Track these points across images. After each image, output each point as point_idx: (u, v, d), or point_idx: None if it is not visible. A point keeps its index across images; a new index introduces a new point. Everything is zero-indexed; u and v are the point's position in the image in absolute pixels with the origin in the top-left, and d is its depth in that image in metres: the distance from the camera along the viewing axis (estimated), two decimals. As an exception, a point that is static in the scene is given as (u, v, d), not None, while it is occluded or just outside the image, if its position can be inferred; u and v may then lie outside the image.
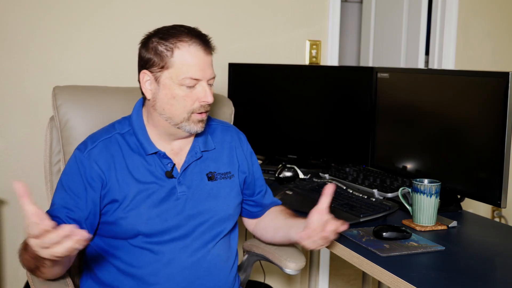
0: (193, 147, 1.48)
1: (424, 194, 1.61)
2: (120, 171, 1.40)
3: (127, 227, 1.39)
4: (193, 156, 1.47)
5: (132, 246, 1.41)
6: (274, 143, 2.40)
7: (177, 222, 1.42)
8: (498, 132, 1.61)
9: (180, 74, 1.36)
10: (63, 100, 1.68)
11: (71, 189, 1.39)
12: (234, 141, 1.58)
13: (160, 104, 1.39)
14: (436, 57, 3.06)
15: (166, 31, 1.39)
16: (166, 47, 1.37)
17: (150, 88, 1.41)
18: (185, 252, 1.42)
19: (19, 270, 2.30)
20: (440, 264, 1.37)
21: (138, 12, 2.39)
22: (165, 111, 1.39)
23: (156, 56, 1.38)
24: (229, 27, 2.54)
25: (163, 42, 1.37)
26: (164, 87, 1.38)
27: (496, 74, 1.64)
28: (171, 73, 1.37)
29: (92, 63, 2.34)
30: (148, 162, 1.43)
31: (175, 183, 1.43)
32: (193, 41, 1.37)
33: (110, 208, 1.39)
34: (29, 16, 2.23)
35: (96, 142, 1.43)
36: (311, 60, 2.74)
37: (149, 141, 1.44)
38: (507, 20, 3.21)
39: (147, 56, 1.40)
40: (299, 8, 2.69)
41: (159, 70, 1.38)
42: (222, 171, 1.51)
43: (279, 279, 2.79)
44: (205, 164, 1.49)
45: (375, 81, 2.13)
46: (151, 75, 1.40)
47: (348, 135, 2.26)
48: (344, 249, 1.48)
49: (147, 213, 1.39)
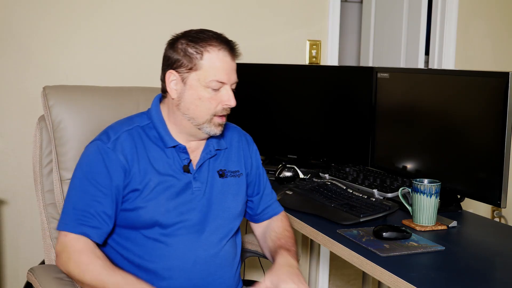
0: (207, 145, 1.52)
1: (424, 194, 1.61)
2: (142, 161, 1.43)
3: (146, 216, 1.41)
4: (208, 154, 1.51)
5: (146, 238, 1.42)
6: (274, 143, 2.40)
7: (193, 217, 1.45)
8: (498, 132, 1.61)
9: (208, 76, 1.40)
10: (55, 100, 1.65)
11: (96, 180, 1.40)
12: (242, 141, 1.62)
13: (185, 104, 1.43)
14: (436, 57, 3.07)
15: (195, 35, 1.43)
16: (196, 50, 1.40)
17: (176, 88, 1.44)
18: (199, 247, 1.44)
19: (19, 270, 2.30)
20: (440, 264, 1.37)
21: (138, 12, 2.39)
22: (189, 111, 1.43)
23: (185, 58, 1.41)
24: (229, 27, 2.53)
25: (193, 45, 1.41)
26: (190, 88, 1.42)
27: (496, 74, 1.64)
28: (199, 75, 1.41)
29: (92, 63, 2.34)
30: (167, 155, 1.46)
31: (191, 178, 1.47)
32: (222, 46, 1.42)
33: (130, 197, 1.42)
34: (29, 17, 2.23)
35: (119, 133, 1.45)
36: (311, 60, 2.74)
37: (169, 134, 1.48)
38: (507, 20, 3.21)
39: (175, 56, 1.43)
40: (299, 8, 2.69)
41: (187, 71, 1.41)
42: (232, 169, 1.55)
43: (279, 279, 2.78)
44: (217, 161, 1.54)
45: (375, 81, 2.13)
46: (178, 75, 1.43)
47: (348, 135, 2.26)
48: (344, 249, 1.48)
49: (165, 204, 1.42)
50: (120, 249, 1.45)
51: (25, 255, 2.31)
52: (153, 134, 1.48)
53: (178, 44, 1.43)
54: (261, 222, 1.66)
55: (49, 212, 1.63)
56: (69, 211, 1.39)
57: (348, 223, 1.62)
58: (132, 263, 1.43)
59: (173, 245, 1.42)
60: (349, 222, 1.62)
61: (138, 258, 1.42)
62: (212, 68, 1.40)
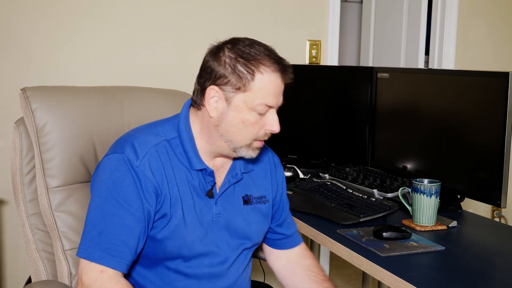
0: (233, 167, 1.38)
1: (424, 194, 1.60)
2: (171, 183, 1.28)
3: (172, 248, 1.29)
4: (234, 177, 1.38)
5: (167, 269, 1.32)
6: (274, 143, 2.40)
7: (215, 246, 1.34)
8: (498, 132, 1.61)
9: (256, 99, 1.25)
10: (39, 104, 1.50)
11: (127, 202, 1.23)
12: (270, 163, 1.50)
13: (225, 126, 1.27)
14: (436, 57, 3.07)
15: (245, 49, 1.27)
16: (248, 69, 1.24)
17: (216, 106, 1.27)
18: (220, 279, 1.35)
19: (19, 270, 2.30)
20: (440, 264, 1.37)
21: (137, 12, 2.39)
22: (229, 134, 1.28)
23: (233, 75, 1.24)
24: (229, 27, 2.54)
25: (244, 62, 1.25)
26: (235, 109, 1.26)
27: (496, 74, 1.64)
28: (246, 96, 1.25)
29: (91, 63, 2.34)
30: (193, 176, 1.32)
31: (212, 204, 1.34)
32: (275, 67, 1.26)
33: (158, 224, 1.28)
34: (29, 17, 2.23)
35: (147, 149, 1.27)
36: (311, 60, 2.74)
37: (198, 156, 1.32)
38: (507, 20, 3.21)
39: (221, 71, 1.25)
40: (299, 8, 2.69)
41: (234, 91, 1.25)
42: (257, 194, 1.42)
43: (279, 279, 2.78)
44: (242, 186, 1.40)
45: (375, 81, 2.13)
46: (222, 93, 1.26)
47: (348, 135, 2.26)
48: (344, 249, 1.48)
49: (192, 234, 1.30)
50: (140, 278, 1.33)
51: (25, 255, 2.31)
52: (179, 151, 1.31)
53: (224, 56, 1.26)
54: (281, 251, 1.54)
55: (32, 223, 1.51)
56: (94, 237, 1.22)
57: (348, 223, 1.62)
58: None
59: (195, 276, 1.32)
60: (349, 222, 1.62)
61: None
62: (262, 90, 1.25)
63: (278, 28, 2.65)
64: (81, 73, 2.32)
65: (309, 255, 1.55)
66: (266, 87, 1.26)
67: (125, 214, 1.23)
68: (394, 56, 3.27)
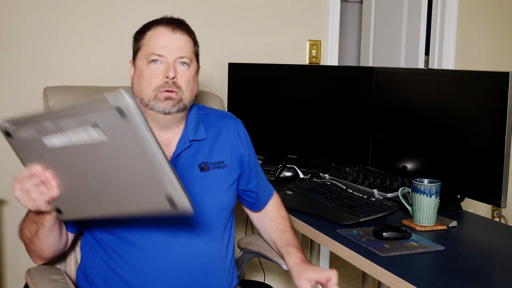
0: (182, 137, 1.47)
1: (424, 194, 1.60)
2: None
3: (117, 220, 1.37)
4: (181, 146, 1.46)
5: (121, 241, 1.39)
6: (274, 143, 2.40)
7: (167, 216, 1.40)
8: (498, 132, 1.61)
9: (148, 51, 1.42)
10: (55, 101, 1.64)
11: None
12: (231, 129, 1.56)
13: (134, 87, 1.45)
14: (436, 57, 3.07)
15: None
16: (140, 34, 1.46)
17: (131, 75, 1.48)
18: (177, 250, 1.39)
19: (19, 270, 2.30)
20: (440, 264, 1.37)
21: (137, 12, 2.39)
22: (137, 92, 1.43)
23: (134, 44, 1.47)
24: (229, 27, 2.54)
25: (139, 31, 1.48)
26: (136, 69, 1.45)
27: (496, 74, 1.64)
28: (141, 54, 1.43)
29: (91, 64, 2.34)
30: None
31: None
32: (163, 23, 1.45)
33: None
34: (28, 17, 2.23)
35: None
36: (311, 60, 2.74)
37: None
38: (507, 20, 3.21)
39: (132, 49, 1.49)
40: (299, 8, 2.69)
41: (135, 55, 1.46)
42: (215, 160, 1.49)
43: (279, 279, 2.79)
44: (197, 154, 1.48)
45: (375, 81, 2.13)
46: (132, 63, 1.48)
47: (348, 135, 2.26)
48: (344, 249, 1.48)
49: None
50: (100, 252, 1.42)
51: (25, 255, 2.29)
52: None
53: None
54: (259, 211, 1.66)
55: None
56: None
57: (348, 223, 1.62)
58: (109, 267, 1.40)
59: (148, 248, 1.37)
60: (349, 222, 1.62)
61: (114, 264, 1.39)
62: (150, 43, 1.43)
63: (278, 28, 2.65)
64: (81, 74, 2.32)
65: (277, 204, 1.67)
66: (154, 39, 1.43)
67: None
68: (394, 56, 3.27)
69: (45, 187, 1.15)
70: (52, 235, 1.35)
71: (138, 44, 1.45)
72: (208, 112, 1.58)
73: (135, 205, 1.09)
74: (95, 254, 1.44)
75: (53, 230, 1.34)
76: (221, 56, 2.50)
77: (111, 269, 1.40)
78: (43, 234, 1.32)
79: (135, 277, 1.37)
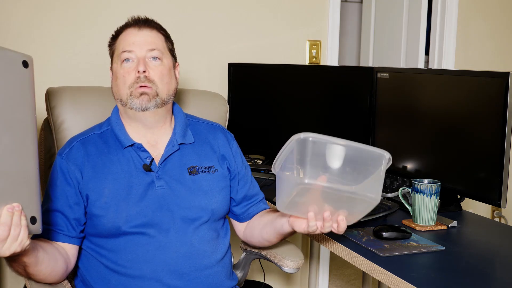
0: (171, 140, 1.48)
1: (424, 194, 1.61)
2: (97, 169, 1.42)
3: (108, 224, 1.39)
4: (170, 149, 1.47)
5: (116, 244, 1.40)
6: (274, 143, 2.40)
7: (158, 218, 1.41)
8: (498, 132, 1.61)
9: (118, 52, 1.45)
10: (57, 102, 1.66)
11: (60, 190, 1.41)
12: (220, 139, 1.57)
13: (113, 90, 1.47)
14: (436, 57, 3.07)
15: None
16: (113, 39, 1.51)
17: (111, 81, 1.50)
18: (168, 248, 1.40)
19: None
20: (440, 264, 1.37)
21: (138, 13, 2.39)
22: (116, 94, 1.45)
23: (109, 51, 1.51)
24: (229, 27, 2.54)
25: (111, 37, 1.52)
26: (113, 73, 1.48)
27: (496, 74, 1.64)
28: (115, 57, 1.47)
29: (94, 64, 2.34)
30: (126, 157, 1.44)
31: (153, 177, 1.43)
32: (131, 24, 1.49)
33: (89, 203, 1.41)
34: (28, 17, 2.23)
35: (73, 143, 1.46)
36: (311, 60, 2.74)
37: (125, 134, 1.46)
38: (507, 20, 3.21)
39: (109, 56, 1.52)
40: (299, 8, 2.69)
41: (111, 60, 1.50)
42: (205, 165, 1.50)
43: (279, 279, 2.79)
44: (186, 158, 1.49)
45: (375, 81, 2.13)
46: (110, 69, 1.51)
47: (348, 135, 2.25)
48: (344, 249, 1.48)
49: (126, 210, 1.39)
50: (97, 255, 1.43)
51: (25, 255, 2.31)
52: (112, 138, 1.47)
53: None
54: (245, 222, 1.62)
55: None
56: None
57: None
58: (107, 268, 1.41)
59: (142, 248, 1.39)
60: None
61: (112, 264, 1.40)
62: (120, 43, 1.46)
63: (278, 28, 2.65)
64: (82, 74, 2.32)
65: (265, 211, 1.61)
66: (123, 39, 1.46)
67: (64, 201, 1.41)
68: (394, 56, 3.27)
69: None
70: (42, 263, 1.27)
71: (112, 49, 1.50)
72: (197, 121, 1.59)
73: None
74: (90, 257, 1.45)
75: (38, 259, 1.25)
76: (221, 56, 2.51)
77: (104, 265, 1.41)
78: (32, 269, 1.26)
79: (134, 269, 1.39)
